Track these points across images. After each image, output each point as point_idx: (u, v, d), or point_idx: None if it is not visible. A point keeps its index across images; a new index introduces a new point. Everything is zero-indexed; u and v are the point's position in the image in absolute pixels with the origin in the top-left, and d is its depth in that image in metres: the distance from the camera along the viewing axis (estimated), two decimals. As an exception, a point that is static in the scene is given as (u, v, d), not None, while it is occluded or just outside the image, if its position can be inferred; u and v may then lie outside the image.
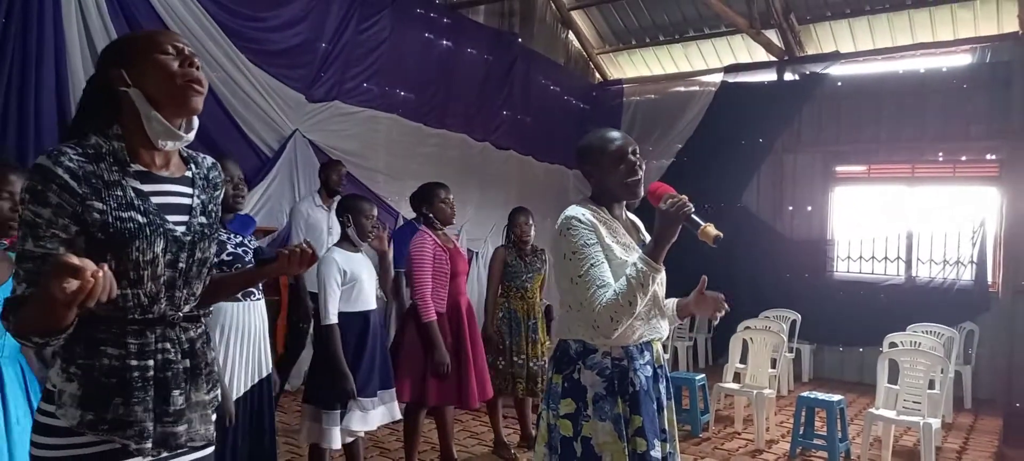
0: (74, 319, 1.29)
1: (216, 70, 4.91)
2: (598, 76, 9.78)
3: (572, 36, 9.36)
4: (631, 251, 2.02)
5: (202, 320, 1.59)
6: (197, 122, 1.53)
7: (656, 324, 2.08)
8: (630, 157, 2.05)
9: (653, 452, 1.96)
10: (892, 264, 7.66)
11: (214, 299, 1.65)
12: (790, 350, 6.87)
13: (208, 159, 1.65)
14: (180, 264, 1.46)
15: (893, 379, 4.82)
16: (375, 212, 3.42)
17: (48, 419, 1.39)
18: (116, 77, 1.43)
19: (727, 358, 5.57)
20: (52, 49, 4.01)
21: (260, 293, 2.75)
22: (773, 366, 5.47)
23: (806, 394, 4.83)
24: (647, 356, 2.05)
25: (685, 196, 1.91)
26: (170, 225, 1.45)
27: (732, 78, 8.44)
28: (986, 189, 7.33)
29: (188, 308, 1.52)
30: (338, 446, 3.25)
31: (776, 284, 7.83)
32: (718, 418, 5.54)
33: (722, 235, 1.86)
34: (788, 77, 8.16)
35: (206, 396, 1.54)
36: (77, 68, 4.13)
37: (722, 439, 5.14)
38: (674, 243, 1.92)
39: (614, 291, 1.89)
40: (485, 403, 4.25)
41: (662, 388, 2.09)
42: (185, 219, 1.49)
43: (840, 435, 4.60)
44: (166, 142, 1.46)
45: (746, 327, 5.78)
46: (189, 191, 1.53)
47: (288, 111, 5.51)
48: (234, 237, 2.63)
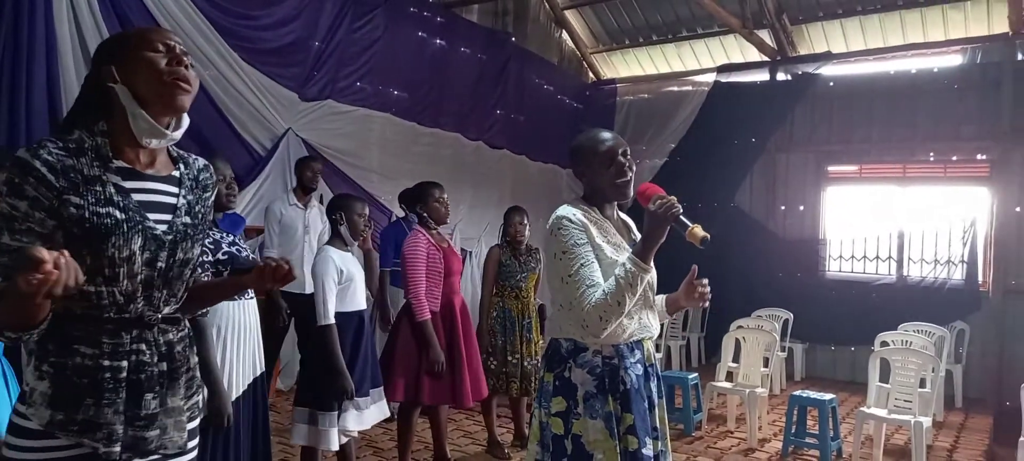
0: (48, 314, 1.27)
1: (209, 68, 4.89)
2: (591, 76, 9.79)
3: (565, 35, 9.37)
4: (621, 251, 2.03)
5: (184, 323, 1.55)
6: (186, 121, 1.51)
7: (647, 323, 2.09)
8: (620, 158, 2.07)
9: (644, 450, 1.97)
10: (884, 264, 7.70)
11: (193, 306, 1.61)
12: (782, 349, 6.91)
13: (200, 161, 1.63)
14: (159, 263, 1.43)
15: (884, 378, 4.85)
16: (367, 210, 3.42)
17: (22, 420, 1.36)
18: (106, 73, 1.42)
19: (720, 357, 5.59)
20: (43, 48, 3.98)
21: (252, 293, 2.74)
22: (765, 365, 5.49)
23: (798, 393, 4.85)
24: (638, 354, 2.06)
25: (674, 197, 1.92)
26: (150, 223, 1.42)
27: (725, 78, 8.47)
28: (977, 189, 7.37)
29: (168, 310, 1.49)
30: (337, 447, 3.23)
31: (769, 283, 7.86)
32: (711, 417, 5.55)
33: (709, 237, 1.87)
34: (781, 77, 8.19)
35: (182, 402, 1.50)
36: (69, 67, 4.11)
37: (715, 438, 5.16)
38: (667, 243, 1.92)
39: (603, 291, 1.91)
40: (479, 402, 4.25)
41: (653, 386, 2.10)
42: (168, 218, 1.47)
43: (832, 433, 4.63)
44: (151, 140, 1.44)
45: (739, 326, 5.80)
46: (175, 191, 1.51)
47: (281, 110, 5.49)
48: (227, 236, 2.62)
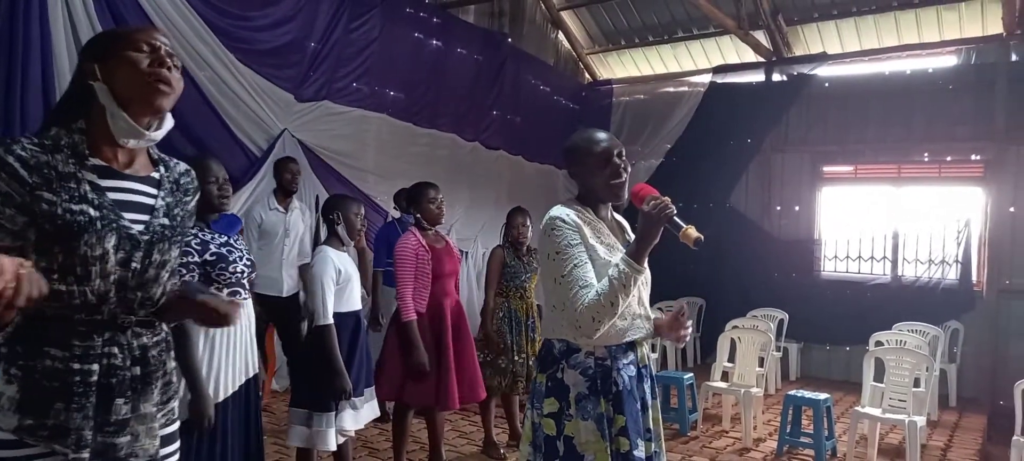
0: (12, 318, 1.24)
1: (204, 69, 4.88)
2: (588, 76, 9.80)
3: (562, 36, 9.37)
4: (615, 252, 2.02)
5: (160, 327, 1.52)
6: (169, 122, 1.48)
7: (640, 324, 2.08)
8: (615, 159, 2.05)
9: (636, 452, 1.97)
10: (878, 264, 7.72)
11: (172, 313, 1.57)
12: (778, 349, 6.92)
13: (181, 164, 1.60)
14: (133, 263, 1.40)
15: (879, 377, 4.87)
16: (363, 210, 3.44)
17: None
18: (88, 70, 1.41)
19: (715, 357, 5.61)
20: (38, 47, 3.97)
21: (247, 292, 2.71)
22: (761, 365, 5.51)
23: (793, 392, 4.86)
24: (631, 356, 2.06)
25: (668, 198, 1.91)
26: (125, 222, 1.40)
27: (721, 79, 8.48)
28: (971, 189, 7.40)
29: (143, 312, 1.45)
30: (334, 448, 3.24)
31: (764, 283, 7.87)
32: (706, 417, 5.57)
33: (702, 238, 1.87)
34: (776, 78, 8.20)
35: (154, 408, 1.46)
36: (63, 66, 4.09)
37: (710, 438, 5.17)
38: (660, 244, 1.92)
39: (596, 292, 1.90)
40: (476, 402, 4.24)
41: (647, 387, 2.10)
42: (145, 219, 1.44)
43: (827, 433, 4.64)
44: (128, 140, 1.42)
45: (734, 326, 5.81)
46: (153, 192, 1.48)
47: (277, 110, 5.49)
48: (218, 237, 2.61)
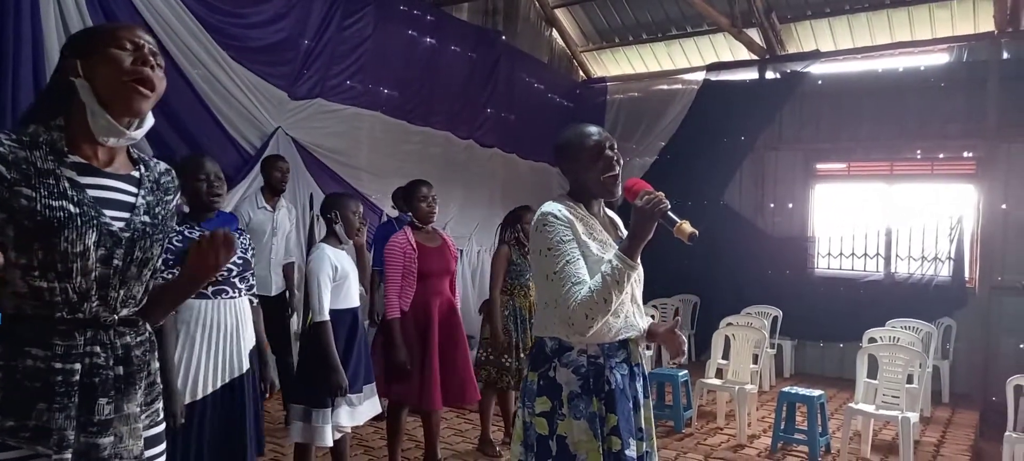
0: None
1: (197, 66, 4.85)
2: (582, 74, 9.80)
3: (556, 34, 9.37)
4: (608, 248, 1.99)
5: (143, 327, 1.50)
6: (150, 121, 1.47)
7: (633, 322, 2.05)
8: (607, 153, 2.02)
9: (628, 451, 1.94)
10: (872, 260, 7.75)
11: (154, 312, 1.56)
12: (772, 346, 6.94)
13: (161, 164, 1.58)
14: (115, 261, 1.39)
15: (872, 374, 4.88)
16: (361, 208, 3.45)
17: None
18: (70, 66, 1.40)
19: (710, 354, 5.62)
20: (29, 44, 3.94)
21: (239, 291, 2.66)
22: (755, 362, 5.52)
23: (787, 389, 4.87)
24: (623, 354, 2.03)
25: (661, 193, 1.88)
26: (106, 219, 1.38)
27: (714, 76, 8.49)
28: (963, 186, 7.44)
29: (126, 311, 1.44)
30: (331, 443, 3.25)
31: (758, 281, 7.90)
32: (700, 413, 5.58)
33: (697, 233, 1.83)
34: (769, 75, 8.23)
35: (138, 408, 1.45)
36: (55, 63, 4.06)
37: (704, 434, 5.18)
38: (656, 240, 1.90)
39: (589, 288, 1.87)
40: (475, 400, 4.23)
41: (639, 386, 2.07)
42: (126, 216, 1.42)
43: (821, 429, 4.66)
44: (108, 138, 1.40)
45: (728, 323, 5.82)
46: (134, 190, 1.46)
47: (270, 108, 5.46)
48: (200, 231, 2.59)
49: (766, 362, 6.57)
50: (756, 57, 8.19)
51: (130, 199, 1.45)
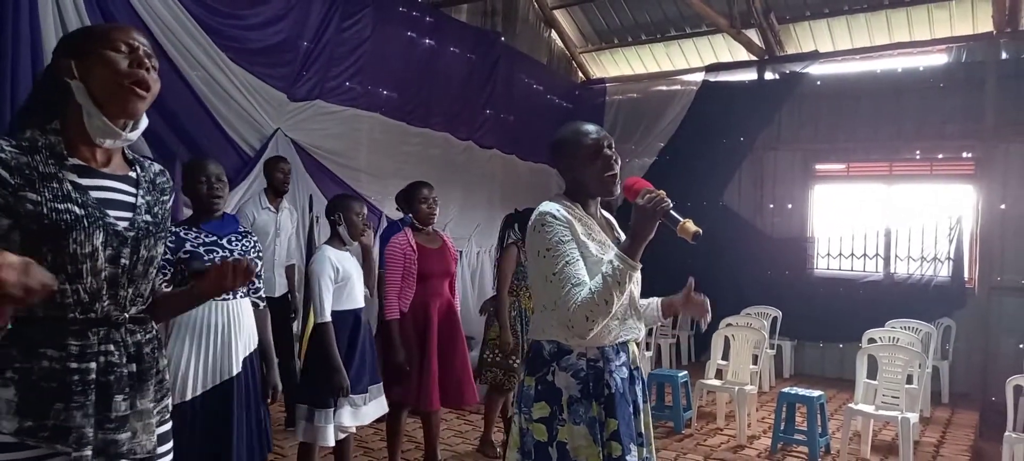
0: (7, 320, 1.25)
1: (196, 68, 4.84)
2: (581, 75, 9.80)
3: (555, 35, 9.37)
4: (607, 248, 1.95)
5: (151, 324, 1.53)
6: (145, 123, 1.48)
7: (632, 324, 2.01)
8: (606, 151, 1.98)
9: (629, 457, 1.89)
10: (871, 261, 7.76)
11: (161, 313, 1.59)
12: (771, 346, 6.94)
13: (155, 165, 1.60)
14: (122, 260, 1.41)
15: (872, 374, 4.88)
16: (364, 210, 3.48)
17: None
18: (64, 67, 1.40)
19: (709, 355, 5.62)
20: (28, 43, 3.93)
21: (236, 293, 2.62)
22: (755, 362, 5.52)
23: (787, 390, 4.87)
24: (623, 357, 1.98)
25: (663, 191, 1.84)
26: (111, 219, 1.40)
27: (713, 77, 8.50)
28: (962, 187, 7.45)
29: (135, 309, 1.46)
30: (333, 443, 3.28)
31: (757, 281, 7.90)
32: (700, 414, 5.58)
33: (701, 232, 1.78)
34: (768, 76, 8.23)
35: (151, 404, 1.48)
36: (52, 64, 4.05)
37: (704, 435, 5.18)
38: (655, 240, 1.86)
39: (589, 289, 1.82)
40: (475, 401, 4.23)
41: (639, 390, 2.02)
42: (129, 216, 1.45)
43: (820, 430, 4.66)
44: (105, 140, 1.42)
45: (728, 324, 5.83)
46: (132, 190, 1.48)
47: (269, 110, 5.46)
48: (202, 236, 2.57)
49: (766, 363, 6.58)
50: (755, 58, 8.19)
51: (130, 199, 1.47)
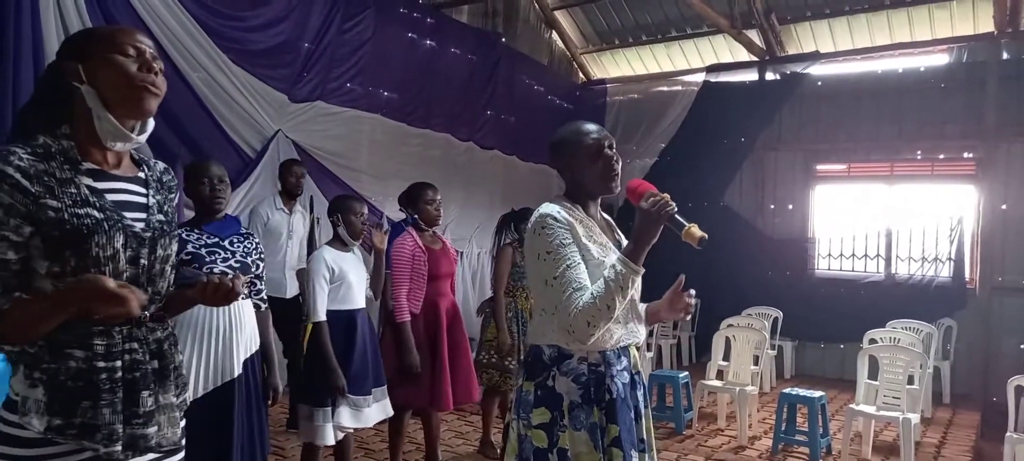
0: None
1: (197, 70, 4.86)
2: (582, 76, 9.81)
3: (555, 36, 9.38)
4: (608, 251, 1.91)
5: (168, 322, 1.56)
6: (151, 124, 1.50)
7: (633, 328, 1.97)
8: (607, 151, 1.94)
9: None
10: (872, 261, 7.76)
11: (172, 310, 1.61)
12: (772, 347, 6.94)
13: (160, 164, 1.63)
14: (141, 261, 1.44)
15: (873, 375, 4.88)
16: (365, 211, 3.49)
17: (10, 428, 1.36)
18: (71, 71, 1.40)
19: (710, 356, 5.61)
20: (30, 45, 3.94)
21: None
22: (755, 363, 5.52)
23: (788, 391, 4.87)
24: (624, 362, 1.95)
25: (667, 194, 1.80)
26: (128, 221, 1.43)
27: (714, 78, 8.51)
28: (963, 187, 7.44)
29: (153, 308, 1.50)
30: (331, 442, 3.29)
31: (758, 282, 7.90)
32: (701, 415, 5.57)
33: (707, 237, 1.76)
34: (769, 77, 8.24)
35: (174, 398, 1.52)
36: (55, 65, 4.06)
37: (705, 436, 5.18)
38: (656, 241, 1.84)
39: (591, 294, 1.77)
40: (475, 402, 4.24)
41: (640, 395, 1.99)
42: (143, 216, 1.48)
43: (821, 431, 4.66)
44: (116, 143, 1.43)
45: (729, 325, 5.82)
46: (143, 191, 1.51)
47: (270, 111, 5.47)
48: (205, 237, 2.58)
49: (767, 363, 6.57)
50: (756, 58, 8.20)
51: (142, 199, 1.50)
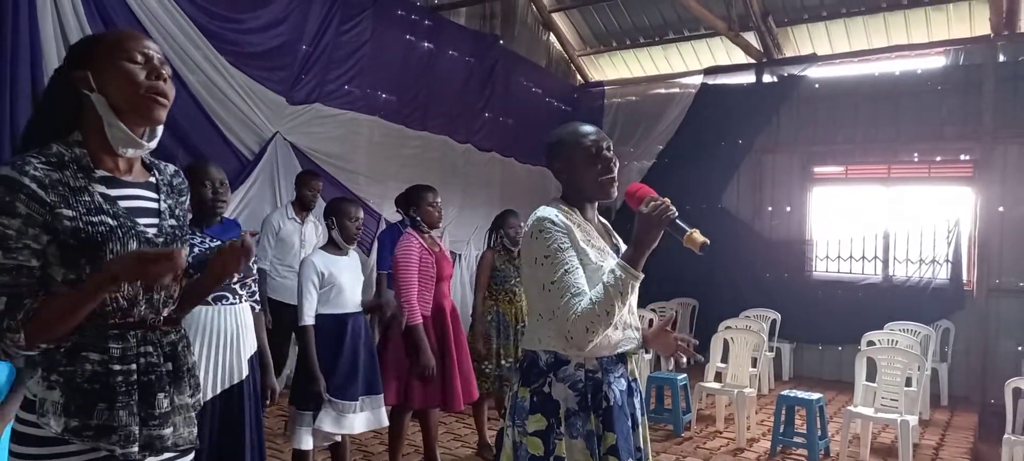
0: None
1: (195, 72, 4.85)
2: (579, 78, 9.81)
3: (553, 38, 9.38)
4: (606, 255, 1.88)
5: (181, 324, 1.59)
6: (160, 130, 1.51)
7: (631, 334, 1.93)
8: (604, 153, 1.91)
9: None
10: (870, 263, 7.76)
11: (186, 306, 1.65)
12: (770, 349, 6.95)
13: (170, 167, 1.64)
14: None
15: (871, 377, 4.89)
16: (360, 214, 3.48)
17: (27, 428, 1.38)
18: (81, 79, 1.40)
19: (708, 358, 5.62)
20: (28, 49, 3.93)
21: (239, 297, 2.68)
22: (754, 365, 5.52)
23: (786, 392, 4.88)
24: (621, 369, 1.92)
25: (668, 199, 1.77)
26: (141, 227, 1.44)
27: (712, 80, 8.52)
28: (961, 189, 7.45)
29: (167, 311, 1.52)
30: (307, 447, 3.29)
31: (756, 284, 7.91)
32: (700, 417, 5.57)
33: (709, 242, 1.73)
34: (766, 79, 8.24)
35: (189, 399, 1.55)
36: (52, 68, 4.04)
37: (704, 438, 5.18)
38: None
39: (590, 299, 1.74)
40: (470, 404, 4.25)
41: (637, 403, 1.96)
42: (155, 222, 1.49)
43: (819, 433, 4.66)
44: (127, 150, 1.45)
45: (727, 327, 5.83)
46: (154, 196, 1.53)
47: (268, 114, 5.46)
48: (208, 241, 2.59)
49: (765, 365, 6.58)
50: (753, 61, 8.21)
51: (154, 205, 1.51)
